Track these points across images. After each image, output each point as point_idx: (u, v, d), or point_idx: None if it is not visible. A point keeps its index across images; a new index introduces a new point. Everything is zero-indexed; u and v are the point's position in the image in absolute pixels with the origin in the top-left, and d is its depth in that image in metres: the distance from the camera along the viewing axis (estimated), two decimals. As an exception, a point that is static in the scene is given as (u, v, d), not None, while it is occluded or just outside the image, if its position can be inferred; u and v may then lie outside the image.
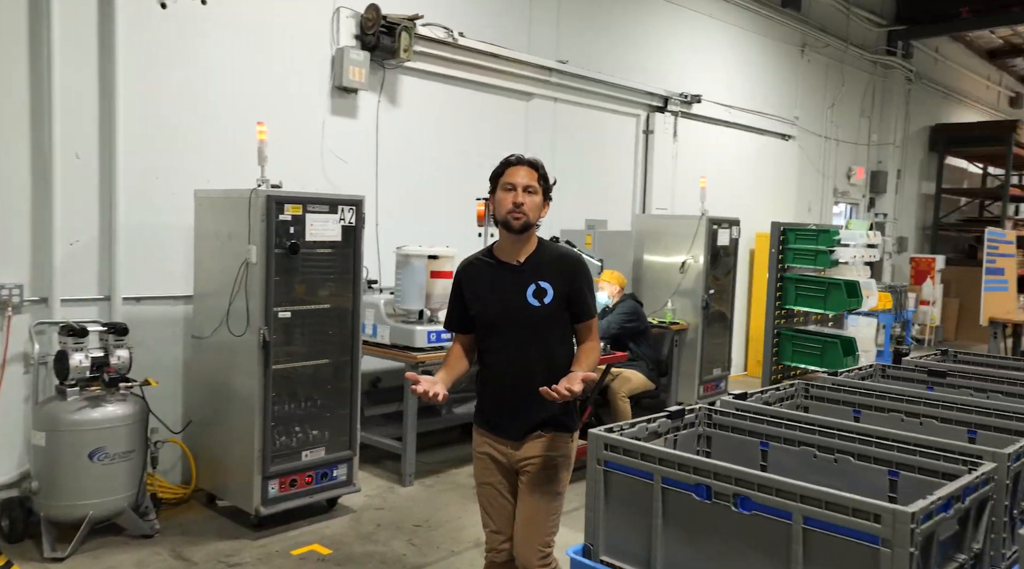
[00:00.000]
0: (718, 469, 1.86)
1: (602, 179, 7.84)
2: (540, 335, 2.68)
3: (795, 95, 10.36)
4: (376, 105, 5.97)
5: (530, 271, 2.71)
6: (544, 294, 2.67)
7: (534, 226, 2.73)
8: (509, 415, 2.72)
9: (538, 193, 2.70)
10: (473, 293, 2.77)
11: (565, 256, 2.80)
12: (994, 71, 15.86)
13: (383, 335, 5.33)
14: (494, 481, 2.78)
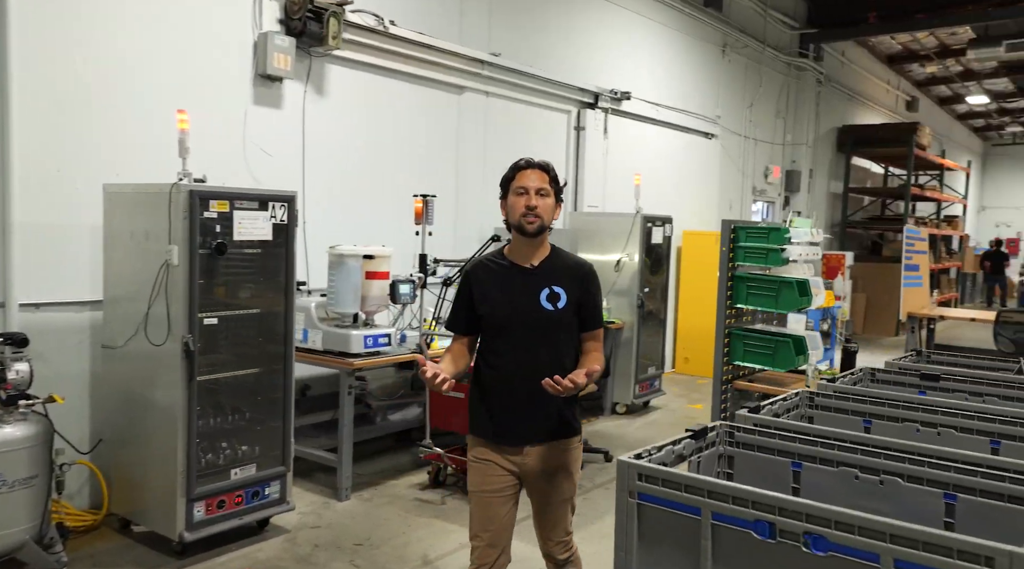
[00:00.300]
0: (784, 503, 1.60)
1: (534, 176, 7.67)
2: (550, 339, 2.65)
3: (717, 94, 10.48)
4: (303, 95, 5.59)
5: (544, 275, 2.69)
6: (557, 299, 2.66)
7: (548, 229, 2.71)
8: (518, 420, 2.67)
9: (550, 195, 2.69)
10: (483, 294, 2.72)
11: (580, 264, 2.81)
12: (893, 76, 16.59)
13: (315, 340, 4.98)
14: (499, 488, 2.69)
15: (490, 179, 7.37)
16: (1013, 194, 23.70)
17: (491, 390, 2.72)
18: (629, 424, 6.90)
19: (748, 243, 4.28)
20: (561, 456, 2.71)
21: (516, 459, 2.67)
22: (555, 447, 2.70)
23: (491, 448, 2.70)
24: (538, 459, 2.68)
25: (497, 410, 2.70)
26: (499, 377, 2.70)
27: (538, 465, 2.68)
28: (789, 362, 4.13)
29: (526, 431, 2.66)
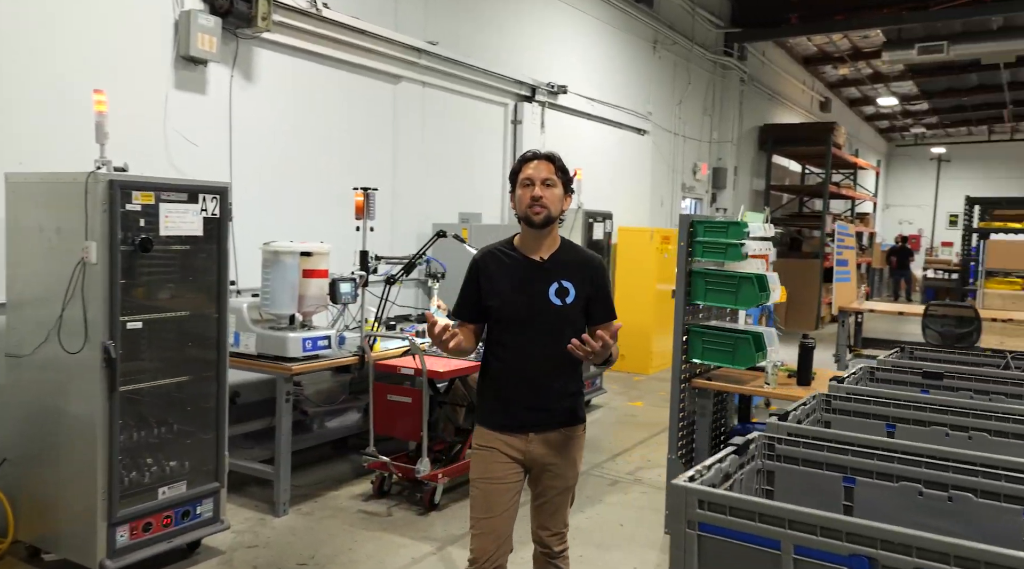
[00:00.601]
0: (888, 535, 1.38)
1: (473, 170, 7.44)
2: (558, 334, 2.60)
3: (648, 91, 10.48)
4: (229, 80, 5.20)
5: (553, 269, 2.69)
6: (566, 293, 2.67)
7: (556, 220, 2.69)
8: (524, 411, 2.69)
9: (557, 185, 2.66)
10: (491, 286, 2.71)
11: (590, 258, 2.81)
12: (808, 77, 17.10)
13: (248, 344, 4.62)
14: (501, 476, 2.69)
15: (429, 173, 7.13)
16: (914, 193, 24.90)
17: (498, 381, 2.74)
18: (573, 424, 6.75)
19: (706, 238, 4.17)
20: (565, 444, 2.73)
21: (521, 446, 2.68)
22: (560, 435, 2.72)
23: (496, 436, 2.71)
24: (542, 446, 2.69)
25: (504, 400, 2.71)
26: (506, 369, 2.71)
27: (542, 452, 2.70)
28: (749, 359, 4.04)
29: (532, 419, 2.68)
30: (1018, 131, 22.86)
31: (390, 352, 5.02)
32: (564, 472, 2.75)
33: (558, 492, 2.76)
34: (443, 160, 7.02)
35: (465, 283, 2.80)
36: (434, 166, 6.91)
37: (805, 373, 4.17)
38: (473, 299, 2.76)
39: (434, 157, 6.91)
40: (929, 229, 24.58)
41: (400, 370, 4.73)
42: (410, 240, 6.66)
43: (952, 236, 24.19)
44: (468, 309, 2.78)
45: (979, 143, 23.69)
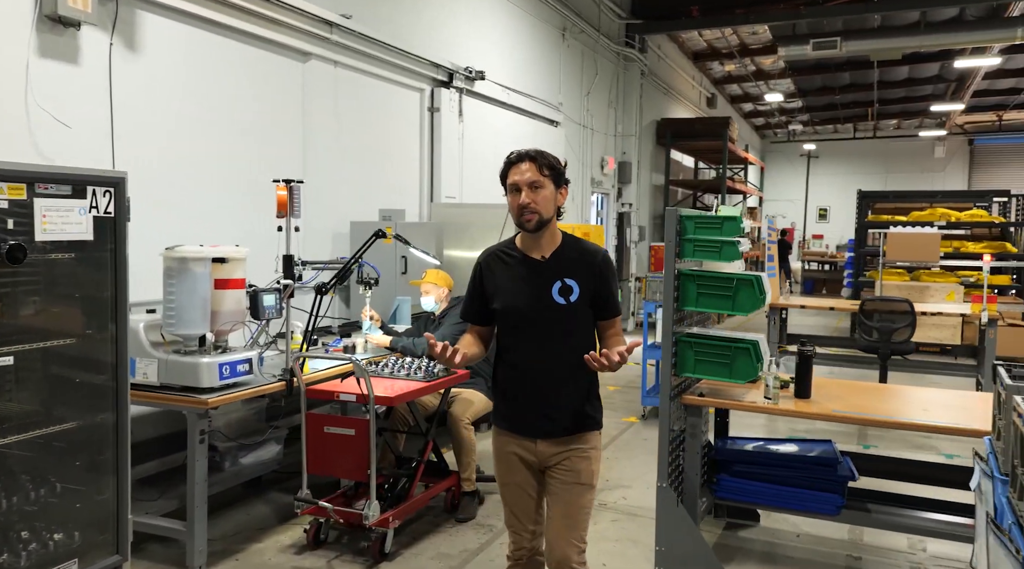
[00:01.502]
0: None
1: (391, 162, 6.70)
2: (565, 333, 2.62)
3: (559, 81, 10.03)
4: (108, 48, 4.25)
5: (556, 267, 2.63)
6: (570, 292, 2.61)
7: (551, 220, 2.62)
8: (535, 414, 2.65)
9: (545, 186, 2.57)
10: (495, 287, 2.67)
11: (593, 252, 2.69)
12: (697, 73, 17.27)
13: (147, 373, 3.73)
14: (520, 480, 2.71)
15: (344, 164, 6.33)
16: (787, 188, 25.97)
17: (509, 384, 2.69)
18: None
19: (698, 235, 3.69)
20: (578, 450, 2.66)
21: (531, 449, 2.66)
22: (572, 441, 2.65)
23: (512, 439, 2.69)
24: (555, 452, 2.64)
25: (514, 404, 2.68)
26: (515, 372, 2.67)
27: (555, 458, 2.65)
28: (750, 372, 3.61)
29: (543, 424, 2.64)
30: (880, 129, 24.25)
31: (323, 374, 4.25)
32: (576, 479, 2.65)
33: (571, 502, 2.65)
34: (358, 150, 6.24)
35: (470, 285, 2.76)
36: (349, 157, 6.13)
37: (804, 384, 3.77)
38: (478, 301, 2.72)
39: (348, 146, 6.12)
40: (801, 222, 25.71)
41: (338, 396, 3.98)
42: (324, 241, 5.86)
43: (822, 229, 25.45)
44: (474, 311, 2.75)
45: (845, 140, 24.96)
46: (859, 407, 3.60)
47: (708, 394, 3.81)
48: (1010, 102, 19.89)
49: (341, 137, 6.00)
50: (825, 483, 3.83)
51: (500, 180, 2.63)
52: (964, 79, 17.27)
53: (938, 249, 10.09)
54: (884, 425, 3.57)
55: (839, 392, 3.94)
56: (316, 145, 5.76)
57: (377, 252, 4.87)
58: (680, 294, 3.75)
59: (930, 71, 17.23)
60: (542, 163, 2.57)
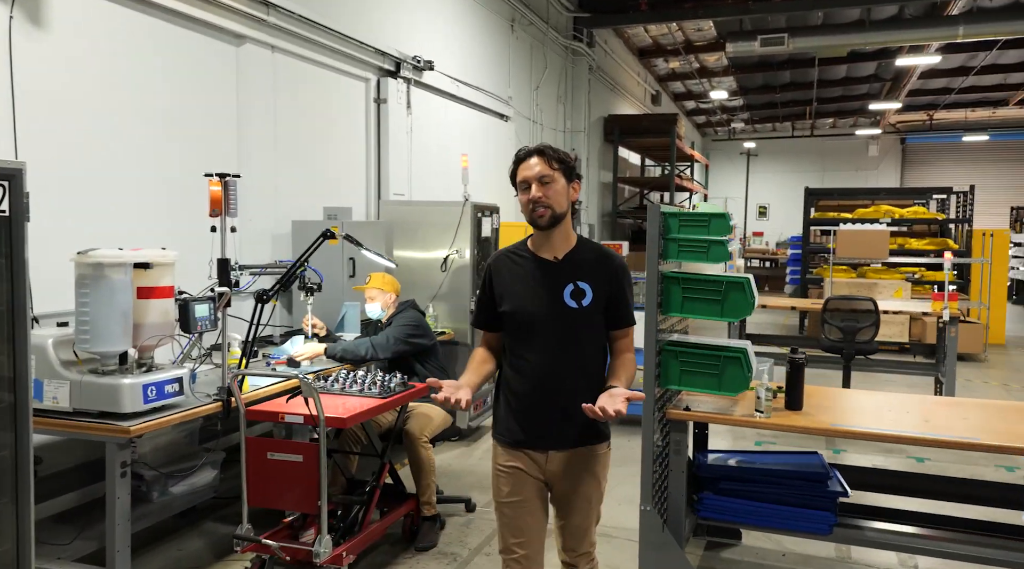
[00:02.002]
0: None
1: (335, 156, 6.22)
2: (575, 339, 2.50)
3: (508, 74, 9.67)
4: (8, 21, 3.70)
5: (569, 269, 2.52)
6: (583, 295, 2.50)
7: (565, 217, 2.49)
8: (542, 425, 2.53)
9: (556, 180, 2.45)
10: (504, 289, 2.57)
11: (608, 255, 2.59)
12: (642, 69, 17.14)
13: (57, 397, 3.22)
14: (525, 497, 2.56)
15: (284, 158, 5.83)
16: (726, 185, 26.19)
17: (515, 392, 2.55)
18: (469, 454, 5.78)
19: (683, 234, 3.38)
20: (587, 462, 2.56)
21: (540, 463, 2.54)
22: (581, 453, 2.55)
23: (516, 453, 2.56)
24: (563, 465, 2.54)
25: (520, 413, 2.53)
26: (522, 379, 2.53)
27: (563, 471, 2.55)
28: (741, 383, 3.30)
29: (550, 435, 2.52)
30: (817, 127, 24.65)
31: (265, 391, 3.79)
32: (586, 492, 2.57)
33: (582, 512, 2.58)
34: (299, 143, 5.75)
35: (480, 290, 2.67)
36: (289, 151, 5.64)
37: (796, 395, 3.49)
38: (489, 306, 2.61)
39: (289, 139, 5.63)
40: (741, 220, 25.96)
41: (283, 418, 3.53)
42: (263, 243, 5.36)
43: (762, 226, 25.75)
44: (484, 316, 2.64)
45: (784, 138, 25.30)
46: (858, 420, 3.34)
47: (693, 407, 3.50)
48: (941, 102, 20.42)
49: (280, 129, 5.51)
50: (816, 500, 3.56)
51: (510, 180, 2.54)
52: (900, 78, 17.59)
53: (887, 245, 10.11)
54: (903, 441, 3.28)
55: (828, 401, 3.68)
56: (253, 137, 5.26)
57: (323, 254, 4.41)
58: (664, 299, 3.43)
59: (867, 70, 17.51)
60: (551, 156, 2.46)
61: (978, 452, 3.53)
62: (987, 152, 22.85)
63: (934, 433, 3.14)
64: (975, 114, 21.77)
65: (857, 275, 11.51)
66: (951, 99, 19.87)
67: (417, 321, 4.57)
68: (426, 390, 4.16)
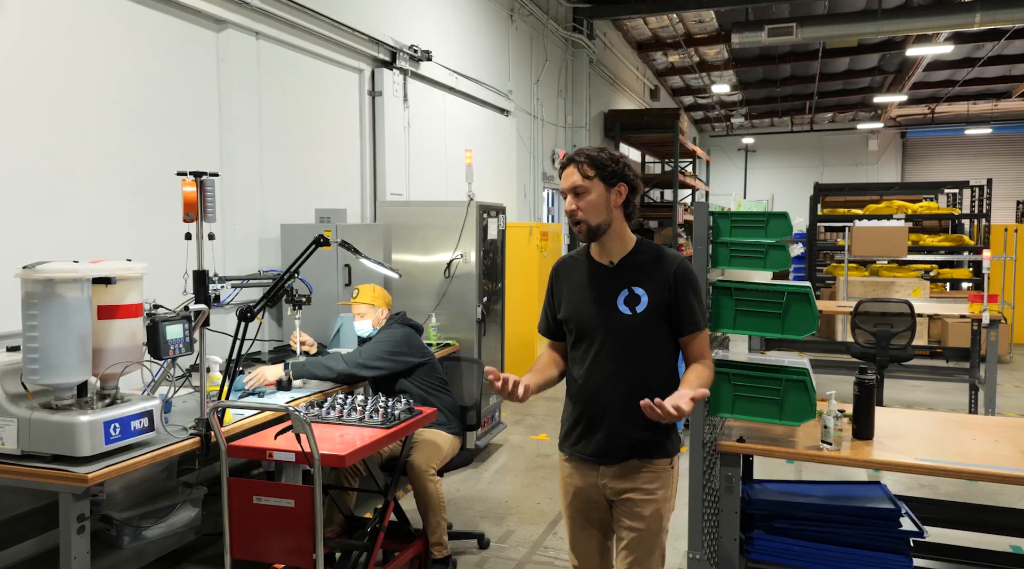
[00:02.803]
0: None
1: (327, 154, 5.73)
2: (632, 348, 2.35)
3: (508, 66, 9.18)
4: (-52, -1, 3.20)
5: (625, 274, 2.39)
6: (637, 301, 2.35)
7: (608, 225, 2.35)
8: (595, 437, 2.40)
9: (592, 189, 2.32)
10: (562, 295, 2.49)
11: (666, 257, 2.40)
12: (640, 63, 16.68)
13: (3, 437, 2.72)
14: (578, 510, 2.47)
15: (272, 156, 5.33)
16: (725, 182, 25.75)
17: (572, 402, 2.48)
18: (476, 477, 5.30)
19: (736, 238, 2.91)
20: (641, 479, 2.38)
21: (594, 478, 2.43)
22: (633, 468, 2.39)
23: (572, 465, 2.48)
24: (615, 480, 2.40)
25: (575, 424, 2.45)
26: (579, 388, 2.44)
27: (615, 487, 2.40)
28: (805, 411, 2.83)
29: (601, 447, 2.39)
30: (816, 122, 24.26)
31: (252, 422, 3.30)
32: (640, 512, 2.38)
33: (634, 537, 2.39)
34: (287, 140, 5.26)
35: (546, 296, 2.60)
36: (277, 148, 5.14)
37: (866, 423, 3.02)
38: (550, 312, 2.56)
39: (277, 135, 5.13)
40: (740, 217, 25.54)
41: (271, 455, 3.03)
42: (249, 250, 4.86)
43: (760, 223, 25.35)
44: (547, 324, 2.59)
45: (783, 133, 24.91)
46: (945, 451, 2.87)
47: (748, 438, 3.03)
48: (943, 94, 20.04)
49: (266, 124, 5.01)
50: (888, 542, 3.08)
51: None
52: (903, 71, 17.20)
53: (906, 242, 9.69)
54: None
55: (896, 426, 3.21)
56: (235, 133, 4.76)
57: (315, 261, 3.93)
58: (712, 313, 2.95)
59: (870, 63, 17.12)
60: (583, 162, 2.33)
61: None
62: (990, 145, 22.52)
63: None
64: (977, 107, 21.42)
65: (869, 273, 11.08)
66: (954, 92, 19.50)
67: (403, 336, 4.07)
68: (434, 415, 3.68)
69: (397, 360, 3.97)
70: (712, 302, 2.94)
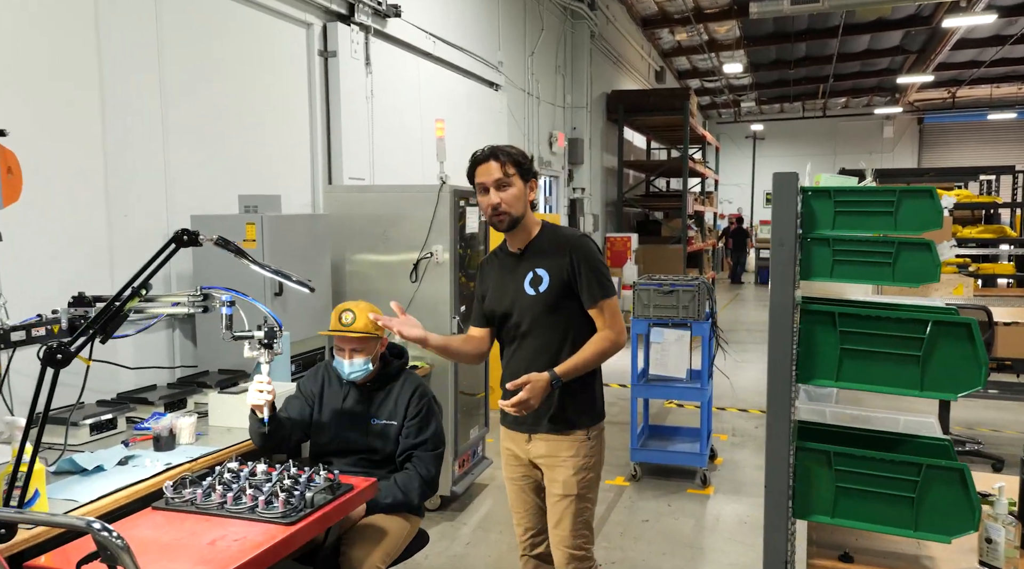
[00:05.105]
0: None
1: (265, 128, 4.56)
2: (540, 326, 2.51)
3: (497, 34, 8.01)
4: None
5: (529, 258, 2.56)
6: (539, 282, 2.52)
7: (522, 217, 2.52)
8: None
9: (513, 183, 2.48)
10: (486, 288, 2.66)
11: (566, 237, 2.57)
12: (645, 42, 15.50)
13: None
14: (516, 476, 2.69)
15: (180, 131, 4.16)
16: (733, 171, 24.57)
17: (502, 380, 2.57)
18: (452, 534, 4.17)
19: (842, 231, 1.77)
20: (561, 450, 2.54)
21: (523, 445, 2.61)
22: (554, 441, 2.55)
23: (509, 436, 2.67)
24: (542, 449, 2.57)
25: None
26: (505, 367, 2.61)
27: (539, 454, 2.59)
28: (963, 520, 1.70)
29: (529, 419, 2.54)
30: (828, 108, 23.09)
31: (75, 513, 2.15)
32: (557, 477, 2.55)
33: (555, 501, 2.57)
34: (207, 110, 4.10)
35: (475, 291, 2.74)
36: (189, 119, 3.98)
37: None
38: (479, 304, 2.68)
39: (186, 103, 3.97)
40: (748, 208, 24.40)
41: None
42: (149, 249, 3.70)
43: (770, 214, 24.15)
44: (476, 314, 2.71)
45: (794, 119, 23.73)
46: None
47: (857, 553, 1.88)
48: (965, 76, 18.86)
49: (171, 86, 3.85)
50: None
51: (468, 179, 2.57)
52: (928, 49, 16.01)
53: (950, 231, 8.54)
54: None
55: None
56: (128, 96, 3.61)
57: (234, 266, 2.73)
58: (803, 354, 1.81)
59: (892, 40, 15.95)
60: (505, 160, 2.48)
61: None
62: (1015, 131, 21.33)
63: None
64: (1001, 90, 20.25)
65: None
66: (978, 74, 18.31)
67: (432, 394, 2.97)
68: (372, 491, 2.54)
69: None
70: (802, 336, 1.80)
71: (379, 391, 2.85)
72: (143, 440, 2.78)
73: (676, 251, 11.93)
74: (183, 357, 3.84)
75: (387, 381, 2.87)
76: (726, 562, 3.86)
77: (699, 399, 4.99)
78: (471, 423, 4.69)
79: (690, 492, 4.82)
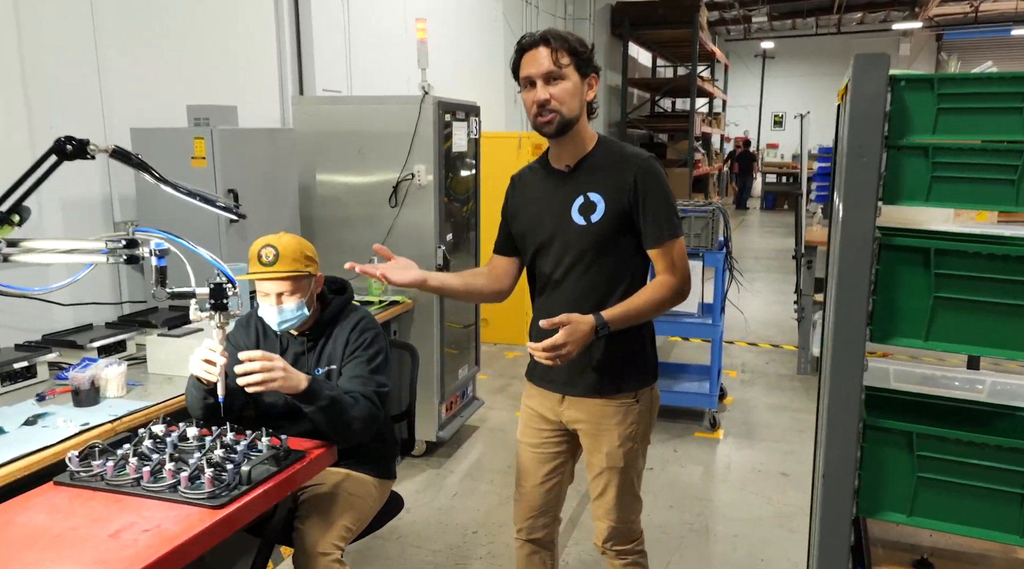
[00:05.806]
0: None
1: (217, 30, 3.99)
2: (589, 263, 2.05)
3: (492, -68, 7.27)
4: None
5: (580, 179, 2.06)
6: (592, 209, 2.03)
7: (578, 120, 2.00)
8: (555, 367, 1.97)
9: (568, 76, 1.97)
10: (515, 208, 2.20)
11: (629, 157, 2.04)
12: (653, -49, 14.51)
13: None
14: (534, 442, 2.24)
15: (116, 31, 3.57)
16: (741, 93, 23.63)
17: (534, 325, 2.11)
18: (437, 484, 3.81)
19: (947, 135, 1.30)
20: (604, 417, 2.11)
21: (555, 407, 2.17)
22: (597, 405, 2.11)
23: (534, 390, 2.23)
24: (579, 414, 2.14)
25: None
26: (538, 308, 2.16)
27: (576, 418, 2.15)
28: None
29: (563, 376, 2.11)
30: (843, 24, 22.01)
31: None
32: (600, 447, 2.13)
33: (597, 474, 2.16)
34: (147, 4, 3.53)
35: (502, 210, 2.24)
36: (127, 16, 3.42)
37: None
38: (503, 228, 2.24)
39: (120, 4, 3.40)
40: (755, 131, 23.58)
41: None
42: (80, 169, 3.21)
43: (777, 137, 23.34)
44: (499, 240, 2.26)
45: (806, 36, 22.66)
46: None
47: (938, 559, 1.47)
48: (991, -12, 17.82)
49: (106, -28, 3.27)
50: None
51: (512, 73, 2.05)
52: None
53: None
54: None
55: None
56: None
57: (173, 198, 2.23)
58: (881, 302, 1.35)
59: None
60: (558, 46, 1.95)
61: None
62: (1038, 48, 20.35)
63: None
64: (1027, 2, 19.17)
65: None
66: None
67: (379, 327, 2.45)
68: (329, 457, 2.13)
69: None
70: (878, 278, 1.34)
71: (322, 337, 2.36)
72: (63, 392, 2.36)
73: (682, 175, 11.37)
74: (131, 291, 3.39)
75: (331, 324, 2.37)
76: (740, 517, 3.51)
77: (711, 335, 4.57)
78: (460, 361, 4.28)
79: (698, 435, 4.46)
